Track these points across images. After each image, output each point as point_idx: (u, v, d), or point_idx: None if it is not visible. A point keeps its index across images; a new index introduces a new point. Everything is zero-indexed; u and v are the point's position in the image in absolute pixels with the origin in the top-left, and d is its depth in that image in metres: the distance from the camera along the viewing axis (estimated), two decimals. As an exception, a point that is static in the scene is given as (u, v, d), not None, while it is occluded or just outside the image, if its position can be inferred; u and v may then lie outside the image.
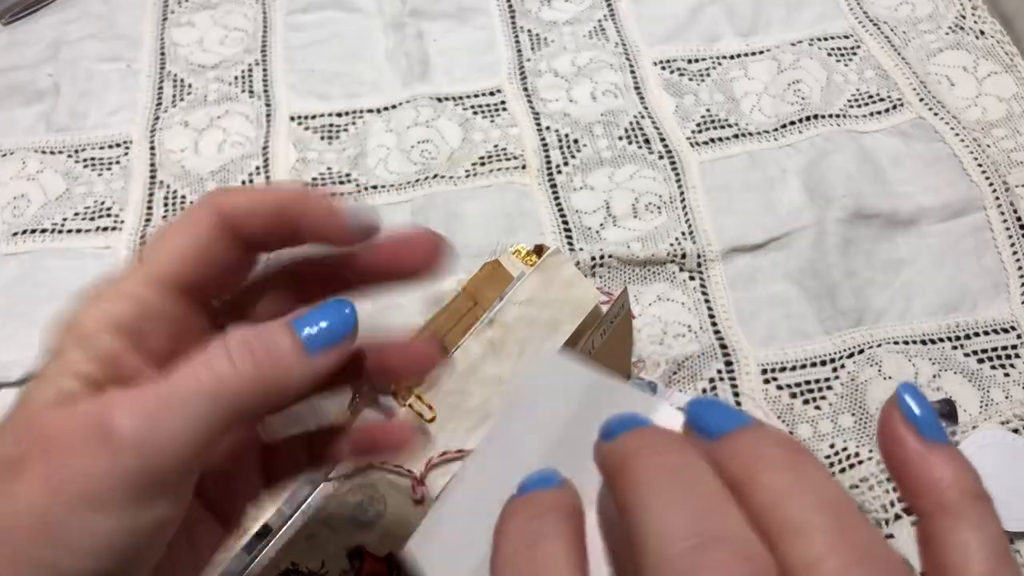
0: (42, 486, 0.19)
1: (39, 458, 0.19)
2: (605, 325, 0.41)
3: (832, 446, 0.47)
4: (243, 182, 0.59)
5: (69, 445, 0.19)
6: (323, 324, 0.22)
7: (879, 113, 0.60)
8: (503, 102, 0.63)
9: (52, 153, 0.61)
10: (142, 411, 0.19)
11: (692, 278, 0.54)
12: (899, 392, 0.20)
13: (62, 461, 0.19)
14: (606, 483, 0.19)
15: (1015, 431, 0.45)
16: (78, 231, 0.57)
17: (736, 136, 0.60)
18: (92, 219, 0.58)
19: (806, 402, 0.48)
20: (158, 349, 0.22)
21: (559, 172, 0.59)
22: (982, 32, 0.64)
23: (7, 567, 0.18)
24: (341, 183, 0.59)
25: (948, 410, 0.47)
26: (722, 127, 0.61)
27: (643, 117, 0.61)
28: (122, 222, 0.58)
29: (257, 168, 0.60)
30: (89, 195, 0.59)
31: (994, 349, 0.49)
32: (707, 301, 0.53)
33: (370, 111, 0.63)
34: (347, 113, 0.63)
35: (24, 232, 0.57)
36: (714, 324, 0.52)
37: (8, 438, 0.20)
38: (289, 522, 0.38)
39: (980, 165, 0.56)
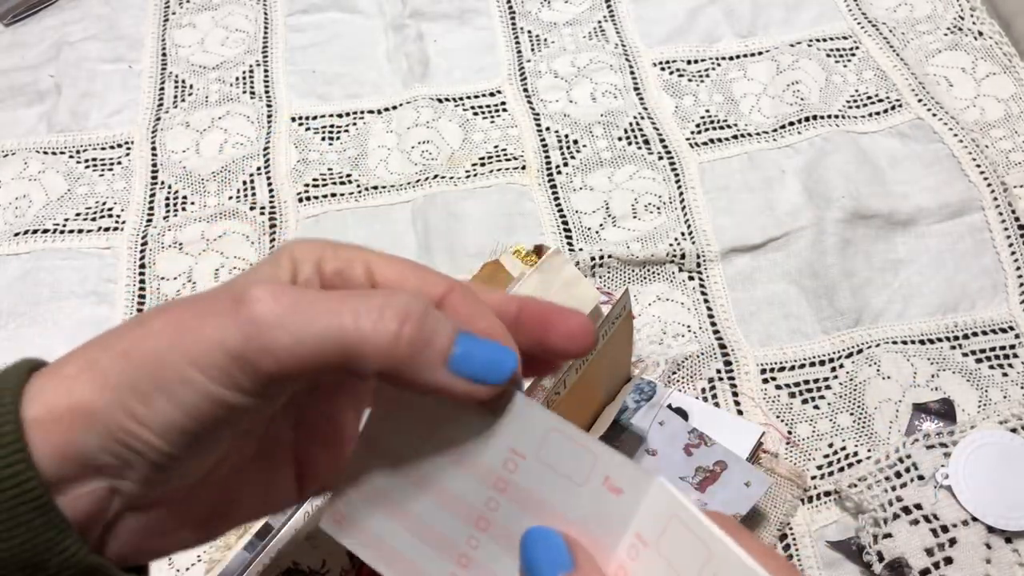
0: (171, 329, 0.20)
1: (182, 304, 0.21)
2: (607, 326, 0.41)
3: (831, 445, 0.47)
4: (244, 183, 0.60)
5: (213, 302, 0.21)
6: (481, 356, 0.21)
7: (878, 114, 0.60)
8: (503, 103, 0.63)
9: (54, 153, 0.62)
10: (276, 307, 0.20)
11: (691, 278, 0.54)
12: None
13: (196, 315, 0.20)
14: None
15: (1013, 431, 0.45)
16: (79, 231, 0.57)
17: (735, 137, 0.60)
18: (93, 219, 0.58)
19: (805, 401, 0.48)
20: None
21: (559, 172, 0.59)
22: (980, 33, 0.64)
23: (116, 387, 0.20)
24: (342, 183, 0.59)
25: (946, 410, 0.47)
26: (721, 128, 0.61)
27: (643, 118, 0.62)
28: (123, 222, 0.58)
29: (258, 168, 0.60)
30: (90, 195, 0.59)
31: (992, 349, 0.50)
32: (706, 301, 0.53)
33: (371, 112, 0.64)
34: (348, 114, 0.64)
35: (26, 232, 0.57)
36: (713, 324, 0.52)
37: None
38: (290, 521, 0.39)
39: (979, 166, 0.56)
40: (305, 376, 0.20)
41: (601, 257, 0.54)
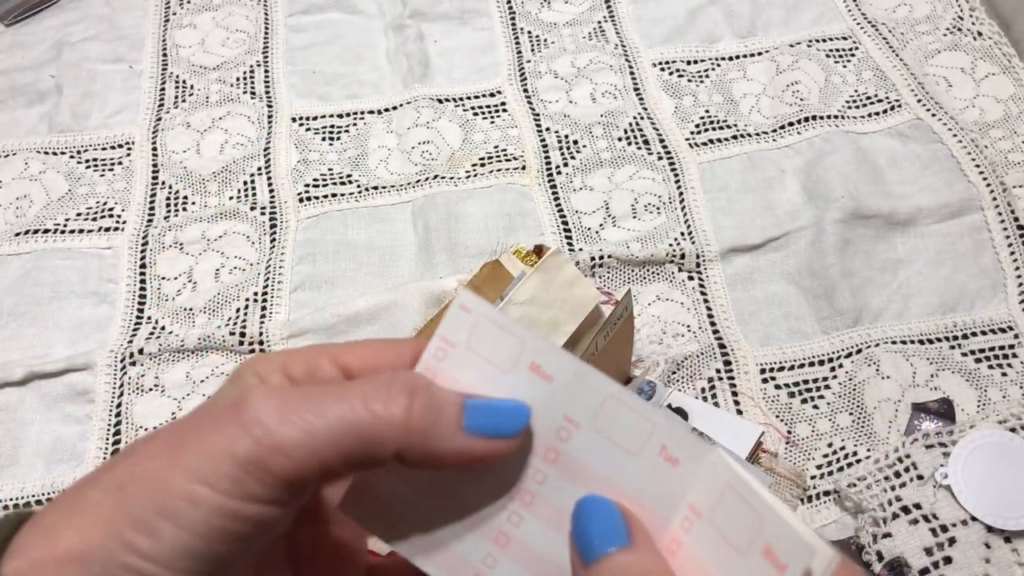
0: (166, 449, 0.19)
1: (171, 427, 0.20)
2: (608, 327, 0.41)
3: (830, 445, 0.47)
4: (244, 183, 0.60)
5: (205, 417, 0.20)
6: (493, 413, 0.21)
7: (877, 114, 0.60)
8: (503, 103, 0.63)
9: (54, 154, 0.62)
10: (279, 405, 0.19)
11: (691, 278, 0.54)
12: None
13: (192, 430, 0.19)
14: None
15: (1012, 430, 0.45)
16: (80, 231, 0.57)
17: (735, 137, 0.60)
18: (94, 219, 0.58)
19: (804, 401, 0.49)
20: None
21: (559, 173, 0.59)
22: (980, 33, 0.64)
23: (110, 523, 0.18)
24: (342, 183, 0.60)
25: (945, 409, 0.47)
26: (721, 128, 0.61)
27: (642, 118, 0.62)
28: (124, 223, 0.58)
29: (259, 169, 0.61)
30: (91, 196, 0.59)
31: (991, 349, 0.50)
32: (706, 301, 0.53)
33: (371, 112, 0.64)
34: (348, 114, 0.64)
35: (27, 232, 0.57)
36: (713, 324, 0.52)
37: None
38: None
39: (978, 166, 0.56)
40: (322, 473, 0.19)
41: (601, 257, 0.54)
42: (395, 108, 0.64)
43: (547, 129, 0.62)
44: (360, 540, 0.26)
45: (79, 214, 0.58)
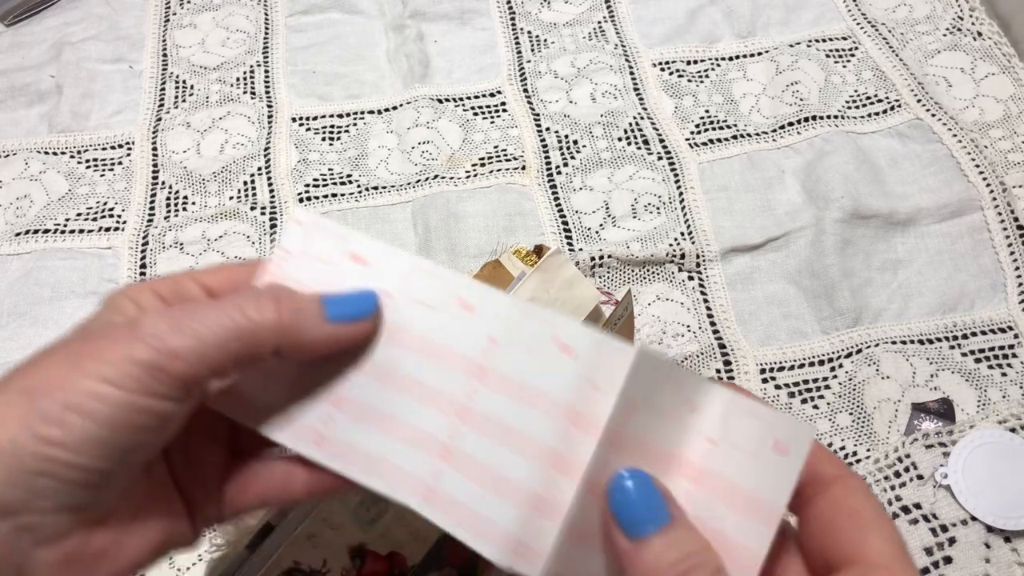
0: (66, 360, 0.22)
1: (68, 341, 0.23)
2: (609, 327, 0.41)
3: (830, 445, 0.47)
4: (245, 183, 0.60)
5: (96, 335, 0.23)
6: (347, 302, 0.25)
7: (877, 114, 0.60)
8: (503, 103, 0.64)
9: (54, 154, 0.62)
10: (170, 320, 0.22)
11: (691, 278, 0.54)
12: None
13: (86, 345, 0.22)
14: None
15: (1012, 430, 0.45)
16: (80, 231, 0.57)
17: (735, 137, 0.60)
18: (94, 219, 0.58)
19: (804, 401, 0.49)
20: None
21: (559, 173, 0.59)
22: (980, 33, 0.64)
23: (20, 419, 0.21)
24: (342, 184, 0.60)
25: (945, 409, 0.47)
26: (721, 128, 0.61)
27: (642, 118, 0.62)
28: (124, 223, 0.58)
29: (259, 169, 0.61)
30: (91, 196, 0.59)
31: (991, 349, 0.50)
32: (706, 301, 0.53)
33: (371, 112, 0.64)
34: (348, 114, 0.64)
35: (27, 232, 0.57)
36: (713, 324, 0.52)
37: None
38: (291, 520, 0.39)
39: (978, 166, 0.56)
40: (212, 373, 0.23)
41: (601, 257, 0.54)
42: (395, 108, 0.64)
43: (547, 129, 0.62)
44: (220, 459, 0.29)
45: (79, 214, 0.58)
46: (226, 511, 0.27)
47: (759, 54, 0.65)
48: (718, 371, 0.50)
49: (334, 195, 0.59)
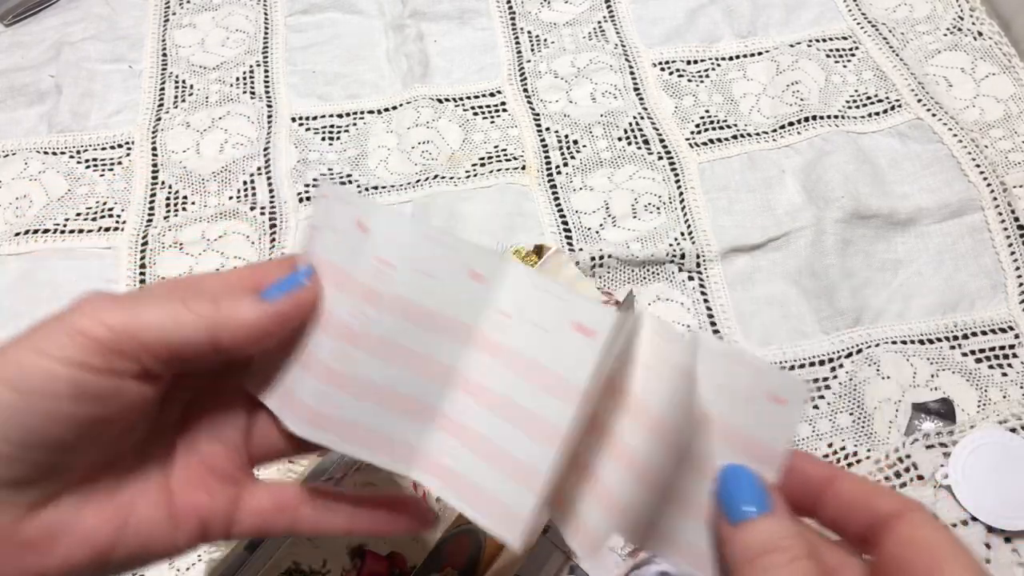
0: (24, 344, 0.23)
1: (29, 332, 0.24)
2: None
3: (830, 445, 0.47)
4: (244, 183, 0.60)
5: (46, 322, 0.23)
6: (279, 283, 0.26)
7: (877, 114, 0.60)
8: (503, 103, 0.63)
9: (54, 154, 0.62)
10: (113, 297, 0.24)
11: (691, 278, 0.54)
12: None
13: (42, 330, 0.23)
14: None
15: (1013, 430, 0.45)
16: (80, 231, 0.57)
17: (735, 137, 0.60)
18: (94, 219, 0.58)
19: (804, 401, 0.49)
20: None
21: (559, 173, 0.59)
22: (980, 33, 0.64)
23: None
24: (342, 183, 0.60)
25: (946, 410, 0.47)
26: (721, 128, 0.61)
27: (642, 118, 0.62)
28: (124, 223, 0.58)
29: (259, 169, 0.61)
30: (91, 196, 0.59)
31: (992, 349, 0.50)
32: (706, 301, 0.53)
33: (371, 112, 0.64)
34: (348, 114, 0.64)
35: (26, 232, 0.57)
36: (713, 324, 0.52)
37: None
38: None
39: (978, 166, 0.56)
40: (144, 349, 0.24)
41: (601, 257, 0.54)
42: (395, 108, 0.64)
43: (547, 129, 0.62)
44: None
45: (79, 214, 0.58)
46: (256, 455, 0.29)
47: (759, 54, 0.65)
48: (718, 371, 0.50)
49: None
